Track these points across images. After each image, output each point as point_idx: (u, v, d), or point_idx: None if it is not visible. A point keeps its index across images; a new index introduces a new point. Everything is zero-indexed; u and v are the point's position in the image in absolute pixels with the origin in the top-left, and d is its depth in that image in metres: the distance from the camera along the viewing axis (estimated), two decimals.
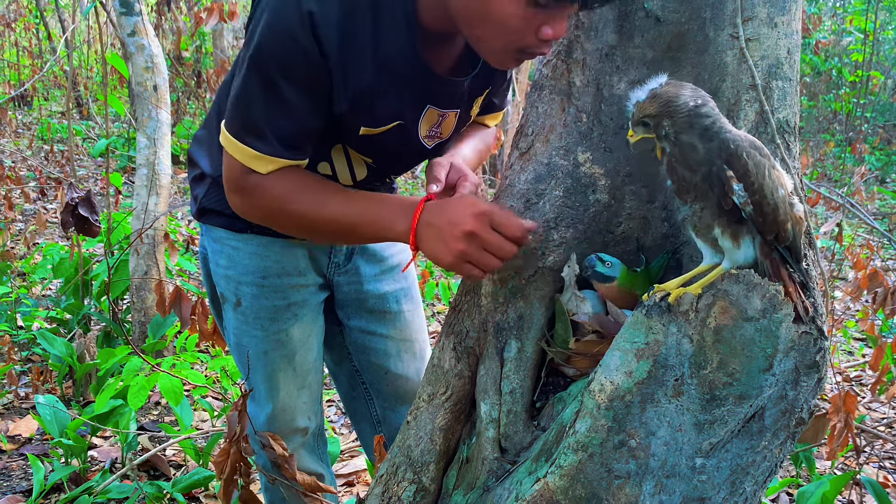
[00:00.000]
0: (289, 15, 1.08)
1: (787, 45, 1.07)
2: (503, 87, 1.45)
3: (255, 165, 1.18)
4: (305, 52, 1.09)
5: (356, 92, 1.17)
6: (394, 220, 1.18)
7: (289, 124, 1.16)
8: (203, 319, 1.81)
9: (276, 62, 1.11)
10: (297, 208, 1.21)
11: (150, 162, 3.30)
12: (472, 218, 1.08)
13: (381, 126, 1.23)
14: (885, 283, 3.22)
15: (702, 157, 0.89)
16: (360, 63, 1.14)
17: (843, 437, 2.23)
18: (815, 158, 8.45)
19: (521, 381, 1.14)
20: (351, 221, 1.21)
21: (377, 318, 1.57)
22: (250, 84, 1.14)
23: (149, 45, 3.31)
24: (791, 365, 0.91)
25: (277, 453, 1.47)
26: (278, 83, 1.12)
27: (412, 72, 1.19)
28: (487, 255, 1.09)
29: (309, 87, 1.14)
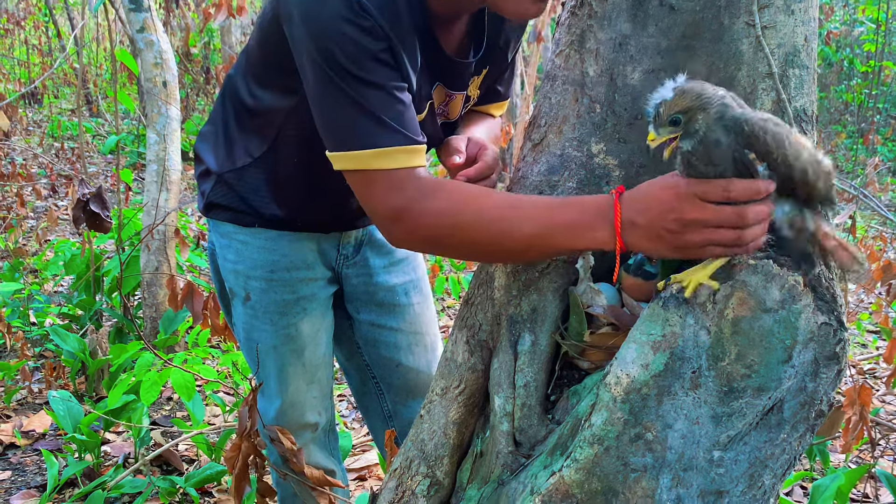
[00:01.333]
0: (337, 8, 1.02)
1: (804, 33, 1.06)
2: (506, 72, 1.45)
3: (387, 164, 1.04)
4: (367, 31, 1.03)
5: (412, 66, 1.14)
6: (590, 225, 0.99)
7: (393, 107, 1.05)
8: (215, 314, 1.81)
9: (344, 51, 1.02)
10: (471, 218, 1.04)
11: (160, 158, 3.30)
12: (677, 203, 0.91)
13: (420, 112, 1.21)
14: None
15: (724, 151, 0.87)
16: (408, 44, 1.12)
17: (859, 430, 2.21)
18: (827, 150, 8.38)
19: (535, 375, 1.13)
20: (542, 232, 1.02)
21: (387, 311, 1.56)
22: (332, 94, 1.04)
23: (158, 41, 3.31)
24: (810, 356, 0.90)
25: (286, 447, 1.47)
26: (357, 72, 1.03)
27: (427, 50, 1.19)
28: (723, 231, 0.90)
29: (385, 66, 1.06)
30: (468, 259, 1.27)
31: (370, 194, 1.07)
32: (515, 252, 1.07)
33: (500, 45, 1.36)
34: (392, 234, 1.10)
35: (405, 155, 1.05)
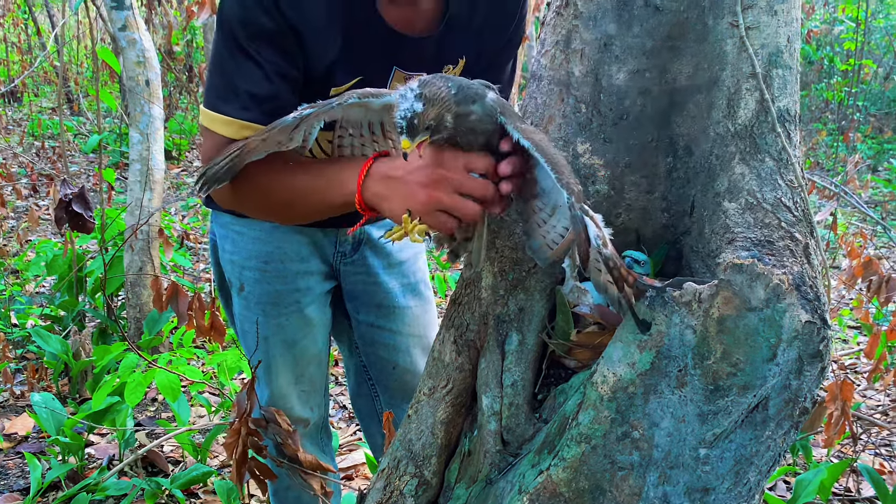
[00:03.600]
0: None
1: (787, 33, 1.07)
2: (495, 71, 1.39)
3: (227, 132, 1.15)
4: (265, 9, 1.10)
5: (324, 51, 1.17)
6: (346, 181, 1.08)
7: (262, 87, 1.14)
8: (200, 315, 1.80)
9: (241, 22, 1.11)
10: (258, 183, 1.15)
11: (144, 157, 3.28)
12: (437, 164, 1.00)
13: (346, 83, 1.22)
14: (879, 271, 3.22)
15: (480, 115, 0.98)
16: (324, 25, 1.14)
17: (840, 425, 2.24)
18: (808, 147, 8.46)
19: (522, 374, 1.13)
20: (308, 188, 1.13)
21: (385, 313, 1.56)
22: (221, 50, 1.14)
23: (140, 39, 3.28)
24: (794, 354, 0.91)
25: (282, 429, 1.48)
26: (245, 43, 1.12)
27: (374, 30, 1.19)
28: (464, 201, 1.00)
29: (276, 46, 1.13)
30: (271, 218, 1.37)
31: (203, 146, 1.18)
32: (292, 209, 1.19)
33: (473, 28, 1.30)
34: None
35: (242, 129, 1.14)
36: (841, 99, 8.43)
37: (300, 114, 1.05)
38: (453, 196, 0.99)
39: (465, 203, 1.00)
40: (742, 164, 1.06)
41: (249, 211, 1.29)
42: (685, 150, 1.15)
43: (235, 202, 1.24)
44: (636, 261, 1.10)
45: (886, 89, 9.02)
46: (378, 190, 1.05)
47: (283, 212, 1.24)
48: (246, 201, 1.22)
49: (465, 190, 1.00)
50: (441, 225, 1.02)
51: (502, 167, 1.00)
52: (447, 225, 1.02)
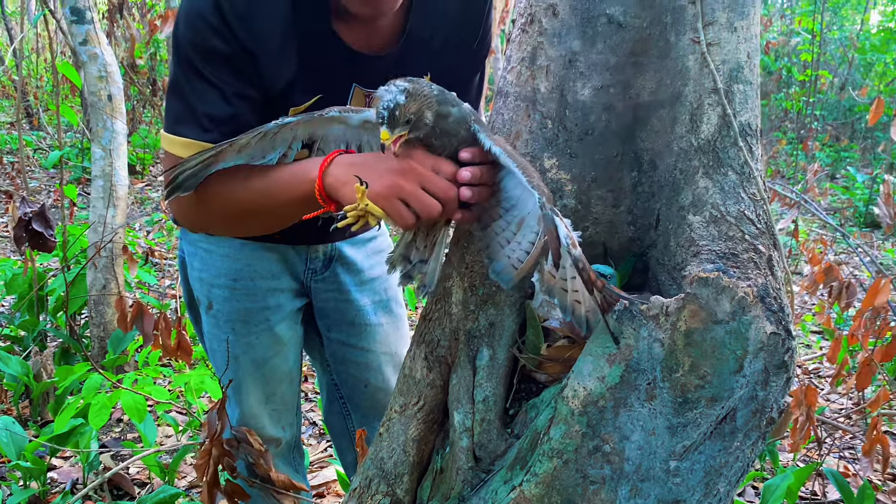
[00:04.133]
0: (198, 1, 1.10)
1: (746, 49, 1.09)
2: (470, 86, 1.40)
3: (188, 154, 1.13)
4: (217, 32, 1.10)
5: (280, 73, 1.16)
6: (309, 170, 1.07)
7: (220, 108, 1.14)
8: (166, 334, 1.77)
9: (193, 45, 1.11)
10: (222, 192, 1.13)
11: (107, 173, 3.22)
12: (406, 156, 1.00)
13: (305, 102, 1.22)
14: (839, 277, 3.30)
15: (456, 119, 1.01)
16: (278, 46, 1.15)
17: (805, 429, 2.28)
18: (769, 156, 8.64)
19: (493, 389, 1.13)
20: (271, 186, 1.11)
21: (357, 330, 1.55)
22: (177, 75, 1.14)
23: (102, 53, 3.23)
24: (760, 366, 0.92)
25: (254, 448, 1.46)
26: (200, 66, 1.12)
27: (330, 50, 1.19)
28: (426, 196, 1.00)
29: (231, 67, 1.13)
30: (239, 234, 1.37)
31: (164, 170, 1.17)
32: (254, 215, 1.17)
33: (435, 44, 1.29)
34: (171, 208, 1.20)
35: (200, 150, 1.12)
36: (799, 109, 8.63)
37: (282, 121, 1.05)
38: (417, 188, 0.99)
39: (427, 198, 1.00)
40: (705, 177, 1.07)
41: (214, 224, 1.27)
42: (650, 164, 1.16)
43: (199, 217, 1.22)
44: (603, 275, 1.11)
45: (842, 99, 9.26)
46: (339, 174, 1.03)
47: (248, 219, 1.20)
48: (210, 213, 1.19)
49: (430, 187, 1.00)
50: (399, 214, 1.01)
51: (462, 173, 1.01)
52: (404, 216, 1.01)
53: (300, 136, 1.10)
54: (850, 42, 9.39)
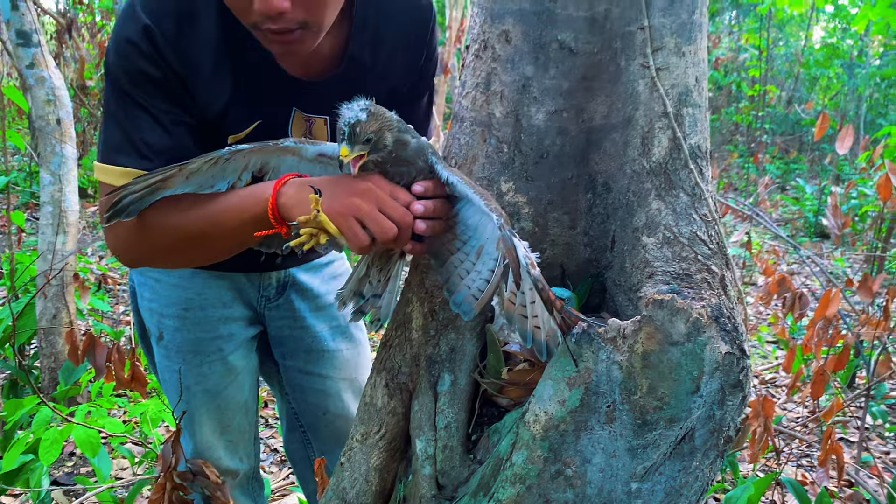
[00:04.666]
0: (128, 26, 1.08)
1: (695, 74, 1.12)
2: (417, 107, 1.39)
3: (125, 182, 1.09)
4: (148, 57, 1.08)
5: (214, 98, 1.15)
6: (262, 191, 1.03)
7: (157, 135, 1.11)
8: (119, 366, 1.72)
9: (125, 71, 1.09)
10: (166, 220, 1.09)
11: (56, 199, 3.14)
12: (364, 179, 0.99)
13: (244, 129, 1.20)
14: (792, 288, 3.38)
15: (414, 148, 1.01)
16: (211, 71, 1.13)
17: (763, 440, 2.32)
18: (721, 169, 8.85)
19: (455, 415, 1.13)
20: (218, 210, 1.07)
21: (314, 357, 1.53)
22: (111, 104, 1.11)
23: (49, 77, 3.16)
24: (717, 385, 0.93)
25: (210, 481, 1.42)
26: (133, 93, 1.09)
27: (266, 76, 1.17)
28: (383, 218, 0.98)
29: (164, 94, 1.11)
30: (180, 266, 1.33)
31: (100, 202, 1.13)
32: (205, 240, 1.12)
33: (378, 68, 1.27)
34: (109, 242, 1.15)
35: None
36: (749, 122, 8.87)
37: (235, 147, 1.03)
38: (374, 209, 0.98)
39: (384, 220, 0.98)
40: (658, 199, 1.09)
41: (155, 255, 1.20)
42: (604, 186, 1.18)
43: (139, 247, 1.15)
44: (560, 298, 1.11)
45: (790, 112, 9.55)
46: (294, 193, 1.01)
47: (192, 248, 1.15)
48: (151, 243, 1.13)
49: (387, 210, 0.99)
50: (354, 233, 0.99)
51: (416, 206, 1.01)
52: (359, 236, 0.98)
53: (252, 165, 1.08)
54: (796, 58, 9.70)
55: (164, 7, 1.07)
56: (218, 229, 1.08)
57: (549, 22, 1.12)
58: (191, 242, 1.12)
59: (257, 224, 1.04)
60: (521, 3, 1.13)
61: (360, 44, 1.23)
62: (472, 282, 1.08)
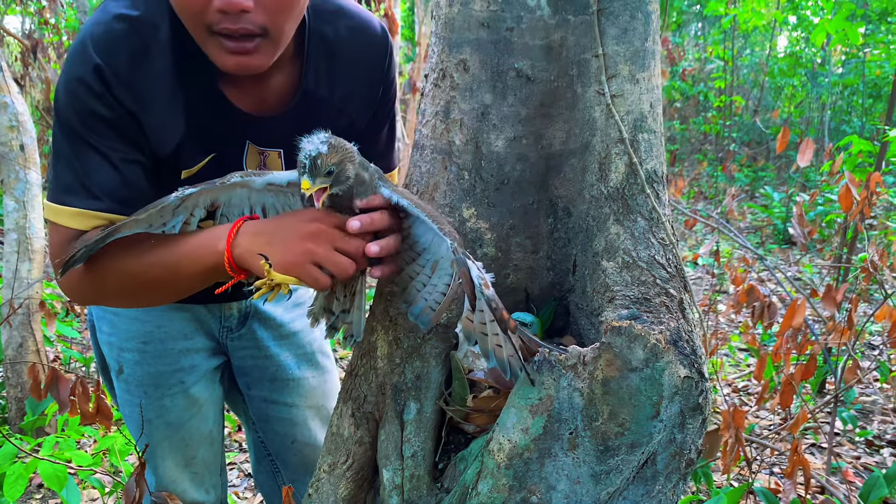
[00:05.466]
0: (78, 64, 1.06)
1: (649, 100, 1.13)
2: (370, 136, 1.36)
3: (77, 224, 1.09)
4: (99, 96, 1.06)
5: (167, 135, 1.13)
6: (216, 241, 1.02)
7: (108, 175, 1.09)
8: (84, 400, 1.69)
9: (75, 111, 1.07)
10: (120, 265, 1.08)
11: (21, 226, 3.10)
12: (314, 219, 0.99)
13: (197, 164, 1.19)
14: (761, 297, 3.43)
15: (368, 181, 1.02)
16: (163, 108, 1.12)
17: (735, 451, 2.35)
18: (691, 178, 8.97)
19: (422, 444, 1.12)
20: (173, 259, 1.06)
21: (279, 386, 1.51)
22: (60, 143, 1.10)
23: (12, 102, 3.12)
24: (677, 409, 0.95)
25: None
26: (83, 133, 1.08)
27: (219, 112, 1.16)
28: (339, 256, 0.98)
29: (116, 133, 1.09)
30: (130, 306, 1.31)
31: (51, 242, 1.11)
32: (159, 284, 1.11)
33: (334, 101, 1.26)
34: (59, 283, 1.12)
35: (92, 220, 1.09)
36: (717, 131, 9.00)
37: (182, 193, 1.02)
38: (329, 250, 0.98)
39: (340, 258, 0.99)
40: (617, 224, 1.10)
41: (108, 298, 1.19)
42: (564, 211, 1.19)
43: (92, 291, 1.14)
44: (523, 323, 1.12)
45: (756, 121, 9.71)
46: (249, 245, 1.00)
47: (147, 292, 1.14)
48: (103, 286, 1.12)
49: (341, 246, 0.99)
50: (313, 279, 0.99)
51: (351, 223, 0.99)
52: (321, 280, 0.99)
53: (202, 202, 1.07)
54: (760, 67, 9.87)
55: (115, 45, 1.06)
56: (174, 277, 1.08)
57: (506, 50, 1.14)
58: (146, 287, 1.12)
59: (214, 272, 1.04)
60: (479, 32, 1.15)
61: (314, 79, 1.22)
62: (429, 294, 1.08)
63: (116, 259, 1.07)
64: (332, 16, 1.22)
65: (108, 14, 1.08)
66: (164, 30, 1.09)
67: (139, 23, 1.08)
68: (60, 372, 1.92)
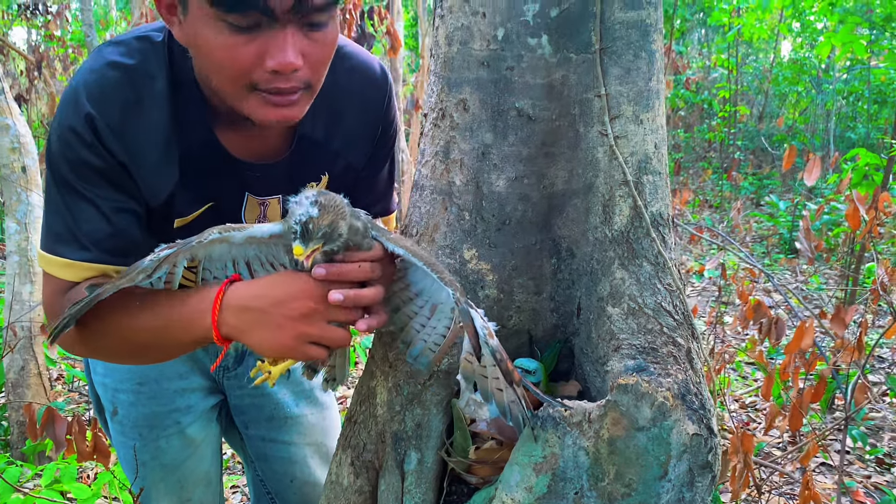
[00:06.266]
0: (70, 114, 1.04)
1: (654, 140, 1.11)
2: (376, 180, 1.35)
3: (68, 275, 1.07)
4: (90, 146, 1.04)
5: (159, 184, 1.11)
6: (202, 313, 0.99)
7: (98, 225, 1.07)
8: (81, 439, 1.67)
9: (66, 160, 1.05)
10: (109, 325, 1.05)
11: (22, 248, 3.08)
12: (305, 295, 0.96)
13: (191, 213, 1.16)
14: (768, 313, 3.39)
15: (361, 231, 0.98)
16: (156, 158, 1.09)
17: (745, 476, 2.31)
18: (696, 186, 8.92)
19: (423, 495, 1.10)
20: (161, 324, 1.03)
21: (277, 424, 1.49)
22: (52, 191, 1.08)
23: (14, 124, 3.11)
24: (685, 467, 0.91)
25: None
26: (74, 182, 1.06)
27: (214, 160, 1.14)
28: (334, 329, 0.97)
29: (107, 182, 1.07)
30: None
31: (43, 291, 1.10)
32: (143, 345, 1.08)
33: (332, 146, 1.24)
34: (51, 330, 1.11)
35: (83, 271, 1.08)
36: (722, 139, 8.96)
37: (157, 256, 0.97)
38: (323, 327, 0.96)
39: (334, 331, 0.97)
40: (622, 268, 1.08)
41: (108, 357, 1.18)
42: (567, 251, 1.16)
43: (88, 349, 1.13)
44: (526, 370, 1.09)
45: (761, 129, 9.67)
46: (237, 323, 0.98)
47: (141, 355, 1.13)
48: (99, 347, 1.11)
49: (335, 318, 0.97)
50: (310, 356, 0.98)
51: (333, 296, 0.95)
52: (317, 355, 0.98)
53: (180, 261, 1.03)
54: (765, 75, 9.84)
55: (108, 95, 1.04)
56: (164, 342, 1.06)
57: (506, 89, 1.11)
58: (138, 350, 1.10)
59: (204, 340, 1.01)
60: (478, 71, 1.12)
61: (311, 123, 1.19)
62: (428, 336, 1.06)
63: (105, 321, 1.04)
64: None
65: (102, 61, 1.06)
66: (160, 80, 1.07)
67: (134, 72, 1.06)
68: (56, 411, 1.90)
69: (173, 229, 1.14)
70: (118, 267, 1.09)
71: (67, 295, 1.07)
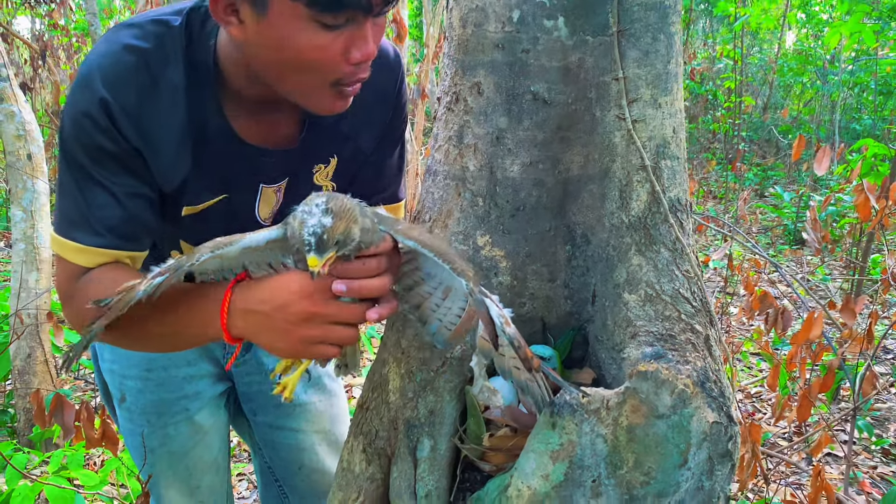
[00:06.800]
0: (84, 98, 1.03)
1: (672, 125, 1.09)
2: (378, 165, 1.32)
3: (81, 260, 1.06)
4: (104, 131, 1.03)
5: (173, 171, 1.10)
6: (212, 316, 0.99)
7: (112, 210, 1.06)
8: (89, 425, 1.66)
9: (80, 144, 1.03)
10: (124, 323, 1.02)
11: (28, 236, 3.07)
12: (303, 297, 0.94)
13: (202, 202, 1.15)
14: (774, 304, 3.37)
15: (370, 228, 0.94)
16: (170, 144, 1.08)
17: (752, 466, 2.30)
18: (701, 177, 8.89)
19: (436, 483, 1.09)
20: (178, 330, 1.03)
21: (285, 411, 1.48)
22: (64, 175, 1.07)
23: (19, 112, 3.10)
24: (705, 455, 0.90)
25: None
26: (88, 167, 1.04)
27: (228, 146, 1.12)
28: (338, 329, 0.95)
29: (121, 167, 1.06)
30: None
31: (56, 273, 1.10)
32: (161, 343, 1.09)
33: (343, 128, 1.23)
34: (64, 314, 1.11)
35: (96, 256, 1.07)
36: (726, 129, 8.92)
37: (150, 284, 0.94)
38: (327, 328, 0.94)
39: (341, 331, 0.95)
40: (639, 255, 1.06)
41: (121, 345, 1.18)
42: (583, 238, 1.15)
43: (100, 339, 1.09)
44: (542, 357, 1.08)
45: (765, 120, 9.62)
46: (245, 326, 0.97)
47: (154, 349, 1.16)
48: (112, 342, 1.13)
49: (341, 318, 0.95)
50: (321, 356, 0.97)
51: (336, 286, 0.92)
52: (329, 353, 0.97)
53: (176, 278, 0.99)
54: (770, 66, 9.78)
55: (123, 79, 1.02)
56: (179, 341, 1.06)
57: (521, 73, 1.10)
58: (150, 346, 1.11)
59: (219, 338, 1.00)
60: (493, 54, 1.10)
61: None
62: (444, 315, 1.04)
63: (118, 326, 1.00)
64: None
65: (118, 44, 1.04)
66: (175, 65, 1.05)
67: (150, 55, 1.04)
68: (65, 398, 1.89)
69: (182, 217, 1.13)
70: (131, 253, 1.08)
71: (79, 282, 1.06)
